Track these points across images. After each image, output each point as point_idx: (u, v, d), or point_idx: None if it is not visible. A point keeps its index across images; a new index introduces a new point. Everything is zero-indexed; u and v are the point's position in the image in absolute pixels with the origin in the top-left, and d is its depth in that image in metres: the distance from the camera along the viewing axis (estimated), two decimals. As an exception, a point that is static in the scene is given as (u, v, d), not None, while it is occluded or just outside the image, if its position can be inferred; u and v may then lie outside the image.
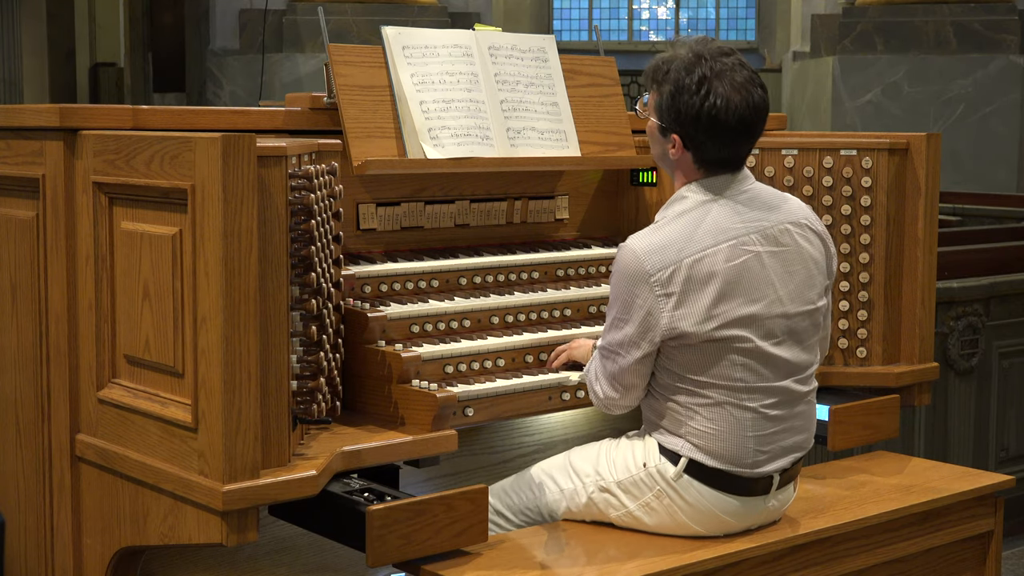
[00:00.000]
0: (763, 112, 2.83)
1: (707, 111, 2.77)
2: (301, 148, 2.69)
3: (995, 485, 3.35)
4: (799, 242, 2.88)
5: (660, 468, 2.85)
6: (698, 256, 2.75)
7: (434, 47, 3.39)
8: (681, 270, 2.74)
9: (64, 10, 15.31)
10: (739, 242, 2.79)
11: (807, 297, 2.88)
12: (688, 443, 2.82)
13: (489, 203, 3.56)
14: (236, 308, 2.41)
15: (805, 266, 2.88)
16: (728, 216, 2.81)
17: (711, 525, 2.86)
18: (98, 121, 2.78)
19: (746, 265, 2.78)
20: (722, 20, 19.93)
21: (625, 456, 2.92)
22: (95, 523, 2.78)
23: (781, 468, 2.87)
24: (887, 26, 10.96)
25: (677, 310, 2.74)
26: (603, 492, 2.92)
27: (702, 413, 2.80)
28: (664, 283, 2.74)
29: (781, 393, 2.84)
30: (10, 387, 3.00)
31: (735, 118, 2.77)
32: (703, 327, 2.74)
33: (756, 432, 2.81)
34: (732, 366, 2.77)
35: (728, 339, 2.76)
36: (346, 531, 2.60)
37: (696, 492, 2.83)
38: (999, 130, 10.70)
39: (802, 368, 2.88)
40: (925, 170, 3.62)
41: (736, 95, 2.77)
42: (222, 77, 10.91)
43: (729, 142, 2.81)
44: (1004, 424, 5.11)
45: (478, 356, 3.06)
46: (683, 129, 2.82)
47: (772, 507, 2.92)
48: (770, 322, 2.80)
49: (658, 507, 2.86)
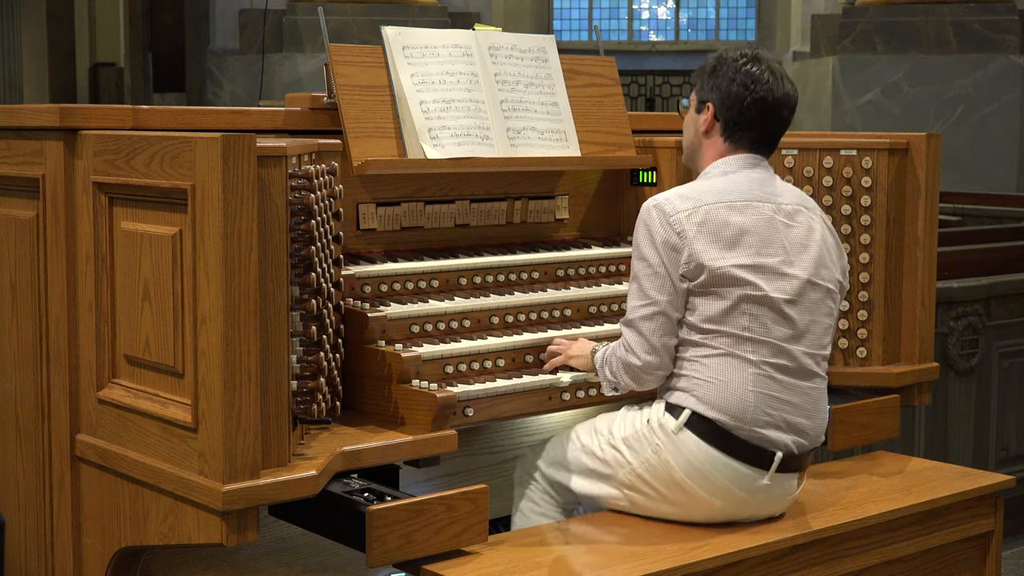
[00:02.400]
0: (791, 101, 3.03)
1: (743, 75, 2.99)
2: (301, 148, 2.69)
3: (995, 485, 3.35)
4: (813, 225, 3.01)
5: (662, 422, 2.92)
6: (714, 204, 2.91)
7: (434, 47, 3.39)
8: (699, 212, 2.90)
9: (64, 10, 15.32)
10: (756, 205, 2.95)
11: (820, 273, 2.98)
12: (692, 396, 2.89)
13: (489, 203, 3.56)
14: (236, 308, 2.41)
15: (819, 247, 3.00)
16: (747, 184, 2.98)
17: (706, 486, 2.89)
18: (98, 121, 2.78)
19: (759, 223, 2.93)
20: (722, 20, 19.94)
21: (635, 415, 3.01)
22: (95, 523, 2.78)
23: (783, 444, 2.90)
24: (887, 26, 10.96)
25: (695, 244, 2.87)
26: (612, 448, 3.00)
27: (707, 363, 2.89)
28: (682, 221, 2.89)
29: (788, 357, 2.91)
30: (10, 387, 3.00)
31: (768, 92, 2.98)
32: (718, 263, 2.86)
33: (758, 389, 2.87)
34: (741, 314, 2.87)
35: (741, 281, 2.86)
36: (346, 531, 2.60)
37: (694, 446, 2.88)
38: (999, 130, 10.70)
39: (814, 342, 2.96)
40: (925, 170, 3.62)
41: (771, 76, 3.00)
42: (222, 77, 10.92)
43: (757, 116, 3.00)
44: (1004, 424, 5.11)
45: (478, 356, 3.06)
46: (719, 96, 3.01)
47: (771, 491, 2.92)
48: (781, 279, 2.91)
49: (656, 463, 2.92)
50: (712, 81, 3.04)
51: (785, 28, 16.90)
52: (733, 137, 3.03)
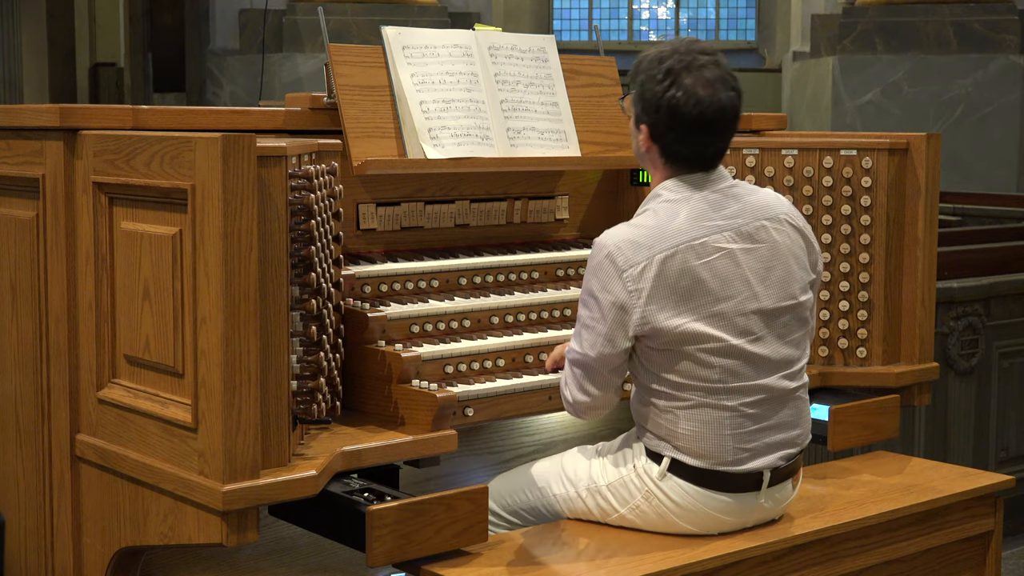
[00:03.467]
0: (728, 112, 2.79)
1: (667, 100, 2.75)
2: (301, 148, 2.69)
3: (995, 485, 3.35)
4: (775, 238, 2.85)
5: (646, 468, 2.85)
6: (669, 252, 2.73)
7: (434, 47, 3.39)
8: (652, 265, 2.72)
9: (64, 10, 15.31)
10: (711, 240, 2.77)
11: (788, 292, 2.85)
12: (670, 445, 2.82)
13: (489, 203, 3.56)
14: (236, 308, 2.41)
15: (783, 262, 2.85)
16: (702, 213, 2.79)
17: (703, 523, 2.86)
18: (98, 121, 2.78)
19: (717, 263, 2.76)
20: (722, 20, 19.93)
21: (616, 459, 2.93)
22: (95, 523, 2.78)
23: (770, 465, 2.85)
24: (887, 26, 10.96)
25: (649, 305, 2.72)
26: (595, 496, 2.92)
27: (680, 415, 2.79)
28: (635, 278, 2.72)
29: (763, 391, 2.82)
30: (10, 387, 3.00)
31: (695, 112, 2.75)
32: (674, 322, 2.72)
33: (735, 430, 2.80)
34: (707, 367, 2.75)
35: (700, 336, 2.73)
36: (346, 531, 2.60)
37: (683, 491, 2.82)
38: (999, 130, 10.70)
39: (788, 363, 2.86)
40: (925, 170, 3.62)
41: (701, 90, 2.74)
42: (222, 77, 10.91)
43: (689, 137, 2.79)
44: (1004, 424, 5.11)
45: (478, 356, 3.06)
46: (649, 119, 2.81)
47: (767, 505, 2.91)
48: (743, 320, 2.78)
49: (647, 509, 2.86)
50: (640, 103, 2.82)
51: (785, 28, 16.89)
52: (672, 159, 2.82)
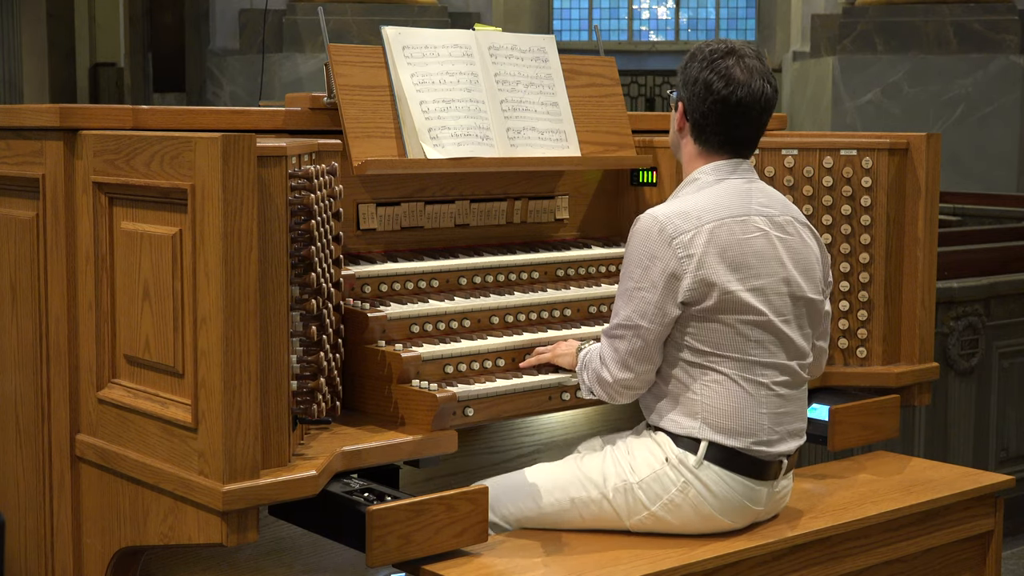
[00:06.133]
0: (760, 100, 2.85)
1: (704, 76, 2.85)
2: (301, 148, 2.69)
3: (995, 485, 3.35)
4: (802, 235, 2.94)
5: (681, 458, 2.82)
6: (717, 223, 2.80)
7: (434, 47, 3.39)
8: (702, 233, 2.78)
9: (64, 10, 15.32)
10: (751, 219, 2.85)
11: (812, 286, 2.93)
12: (705, 425, 2.81)
13: (489, 203, 3.56)
14: (236, 308, 2.41)
15: (808, 259, 2.94)
16: (739, 195, 2.87)
17: (735, 515, 2.85)
18: (98, 121, 2.78)
19: (756, 241, 2.84)
20: (722, 20, 19.95)
21: (643, 455, 2.87)
22: (95, 523, 2.78)
23: (789, 452, 2.90)
24: (887, 26, 10.96)
25: (700, 270, 2.76)
26: (625, 495, 2.86)
27: (715, 389, 2.80)
28: (686, 245, 2.77)
29: (788, 372, 2.88)
30: (10, 387, 3.00)
31: (728, 90, 2.83)
32: (730, 286, 2.77)
33: (770, 410, 2.84)
34: (746, 341, 2.80)
35: (743, 306, 2.78)
36: (346, 531, 2.60)
37: (718, 478, 2.81)
38: (999, 130, 10.70)
39: (803, 354, 2.93)
40: (925, 170, 3.62)
41: (739, 73, 2.83)
42: (222, 77, 10.91)
43: (718, 114, 2.85)
44: (1004, 424, 5.11)
45: (478, 356, 3.06)
46: (686, 93, 2.90)
47: (777, 495, 2.94)
48: (778, 299, 2.84)
49: (682, 502, 2.83)
50: (682, 76, 2.91)
51: (785, 28, 16.89)
52: (700, 139, 2.90)
